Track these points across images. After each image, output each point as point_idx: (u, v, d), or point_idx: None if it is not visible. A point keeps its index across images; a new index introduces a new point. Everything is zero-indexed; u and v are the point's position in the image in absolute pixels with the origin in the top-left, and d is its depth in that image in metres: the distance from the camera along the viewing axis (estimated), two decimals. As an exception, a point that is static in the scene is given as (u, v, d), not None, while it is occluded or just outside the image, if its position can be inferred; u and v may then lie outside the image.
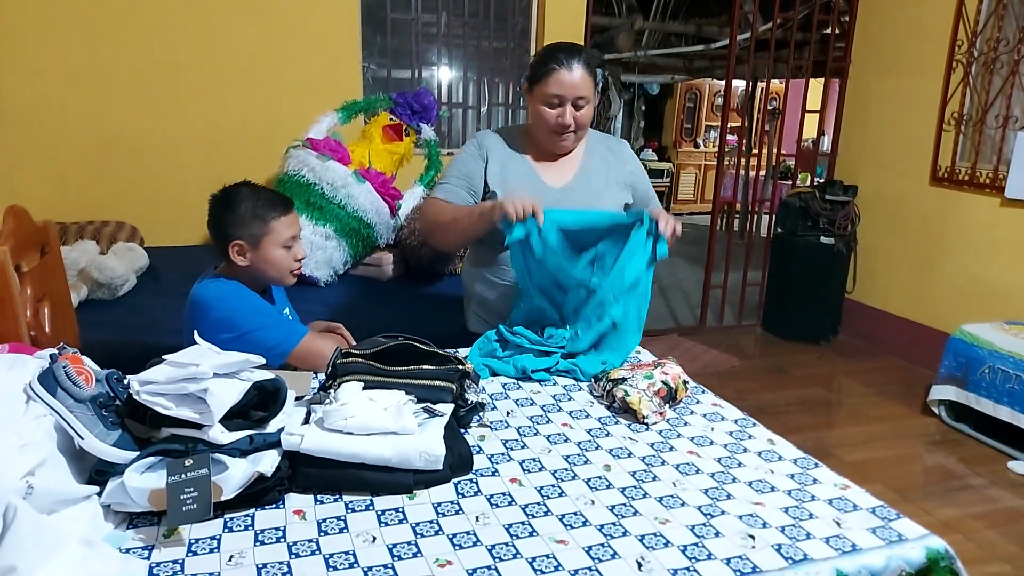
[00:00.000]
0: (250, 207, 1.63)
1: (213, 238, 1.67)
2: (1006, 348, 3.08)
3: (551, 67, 1.75)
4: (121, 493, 1.03)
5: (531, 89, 1.82)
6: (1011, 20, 3.61)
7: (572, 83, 1.75)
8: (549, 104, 1.78)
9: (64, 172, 3.32)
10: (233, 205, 1.63)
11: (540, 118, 1.80)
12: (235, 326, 1.59)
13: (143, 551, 0.98)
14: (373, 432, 1.16)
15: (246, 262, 1.65)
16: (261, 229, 1.63)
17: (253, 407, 1.16)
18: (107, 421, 1.08)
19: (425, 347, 1.39)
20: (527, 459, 1.27)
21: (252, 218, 1.63)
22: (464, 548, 1.01)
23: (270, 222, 1.64)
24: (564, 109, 1.77)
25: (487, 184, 1.86)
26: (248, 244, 1.63)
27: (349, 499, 1.12)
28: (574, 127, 1.80)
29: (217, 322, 1.57)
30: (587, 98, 1.79)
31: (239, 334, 1.58)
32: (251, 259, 1.64)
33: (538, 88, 1.78)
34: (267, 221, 1.64)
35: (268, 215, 1.64)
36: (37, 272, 1.68)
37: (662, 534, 1.04)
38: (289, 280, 1.72)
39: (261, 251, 1.64)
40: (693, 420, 1.45)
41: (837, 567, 0.97)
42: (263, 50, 3.49)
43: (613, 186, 1.92)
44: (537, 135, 1.86)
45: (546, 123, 1.80)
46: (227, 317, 1.60)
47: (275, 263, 1.66)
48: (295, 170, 2.79)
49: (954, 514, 2.65)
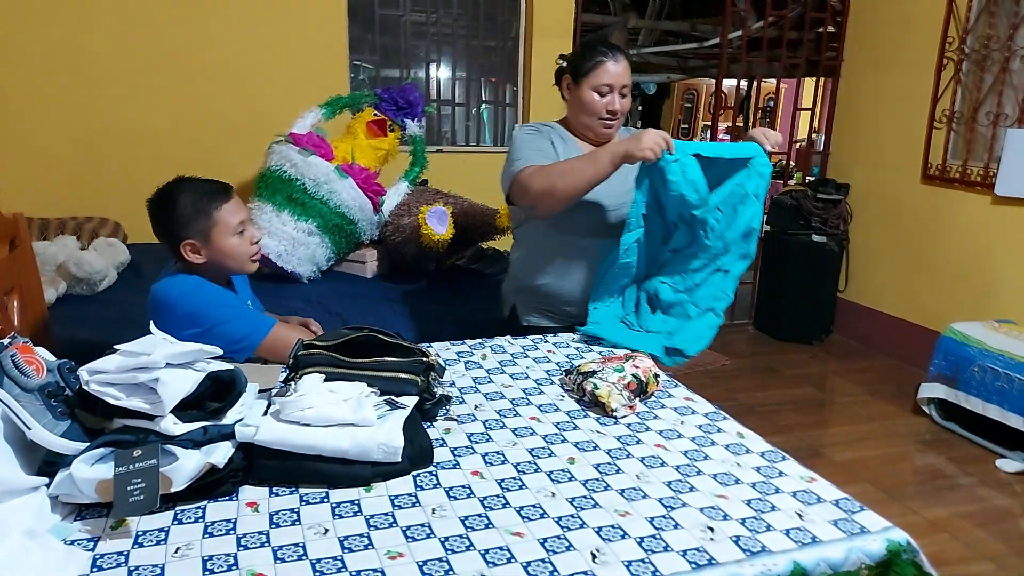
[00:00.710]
0: (190, 203, 1.59)
1: (163, 242, 1.63)
2: (996, 347, 3.06)
3: (599, 59, 1.91)
4: (69, 484, 1.01)
5: (577, 81, 1.94)
6: (1002, 17, 3.59)
7: (619, 72, 1.92)
8: (600, 92, 1.92)
9: (48, 167, 3.30)
10: (172, 205, 1.58)
11: (591, 106, 1.93)
12: (200, 321, 1.56)
13: (88, 543, 0.96)
14: (331, 424, 1.14)
15: (202, 259, 1.61)
16: (207, 223, 1.59)
17: (208, 398, 1.15)
18: (56, 411, 1.06)
19: (389, 339, 1.37)
20: (490, 452, 1.24)
21: (195, 214, 1.58)
22: (417, 540, 0.99)
23: (214, 214, 1.60)
24: (613, 96, 1.92)
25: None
26: (199, 241, 1.60)
27: (305, 492, 1.10)
28: (619, 113, 1.95)
29: (181, 318, 1.54)
30: (628, 87, 1.95)
31: (204, 329, 1.54)
32: (206, 255, 1.61)
33: (586, 80, 1.92)
34: (211, 213, 1.60)
35: (210, 207, 1.60)
36: (4, 265, 1.67)
37: (620, 526, 1.02)
38: (250, 267, 1.69)
39: (213, 244, 1.61)
40: (663, 414, 1.43)
41: (795, 559, 0.95)
42: (248, 46, 3.48)
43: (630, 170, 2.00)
44: (584, 123, 1.98)
45: (597, 110, 1.93)
46: (192, 312, 1.56)
47: (231, 253, 1.63)
48: (277, 165, 2.77)
49: (942, 513, 2.63)
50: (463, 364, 1.67)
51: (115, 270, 2.72)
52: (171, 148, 3.43)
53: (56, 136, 3.28)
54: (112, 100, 3.33)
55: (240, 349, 1.57)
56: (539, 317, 2.05)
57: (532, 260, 2.03)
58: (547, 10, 3.95)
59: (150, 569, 0.91)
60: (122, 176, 3.39)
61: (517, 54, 4.12)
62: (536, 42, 3.97)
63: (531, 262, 2.03)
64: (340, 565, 0.93)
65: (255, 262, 1.70)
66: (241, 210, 1.66)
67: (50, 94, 3.24)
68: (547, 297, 2.01)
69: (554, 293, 2.00)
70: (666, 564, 0.94)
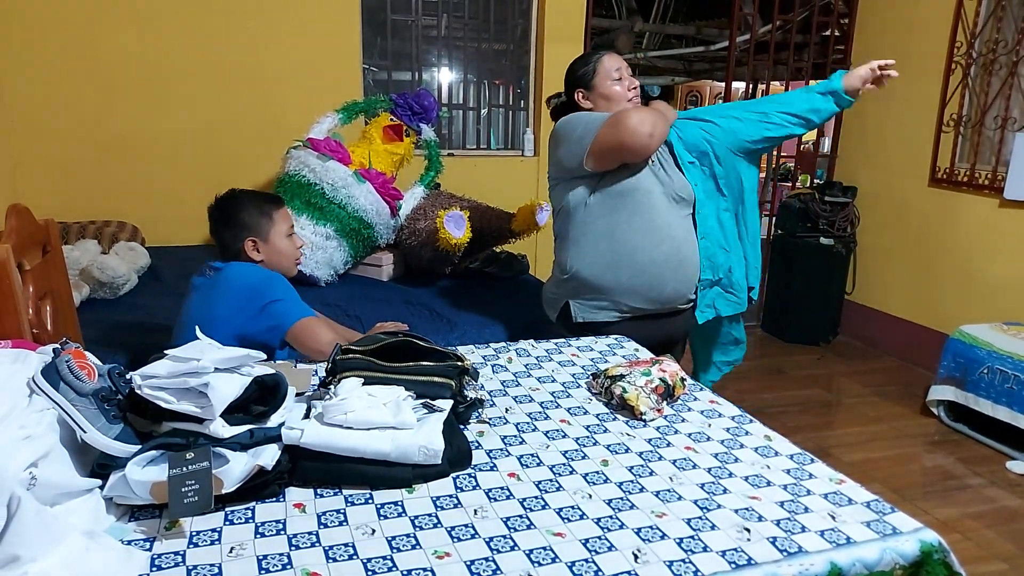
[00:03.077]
0: (253, 206, 1.82)
1: (224, 243, 1.83)
2: (1005, 348, 3.09)
3: (596, 56, 2.08)
4: (123, 486, 1.04)
5: (590, 86, 2.08)
6: (1010, 22, 3.62)
7: (617, 58, 2.09)
8: (615, 80, 2.06)
9: (67, 172, 3.33)
10: (238, 208, 1.81)
11: (616, 95, 2.06)
12: (265, 293, 1.72)
13: (145, 543, 0.99)
14: (372, 427, 1.17)
15: (260, 256, 1.82)
16: (268, 224, 1.82)
17: (253, 402, 1.18)
18: (109, 415, 1.09)
19: (424, 344, 1.40)
20: (525, 454, 1.28)
21: (259, 215, 1.81)
22: (462, 540, 1.02)
23: (273, 215, 1.83)
24: (625, 79, 2.07)
25: None
26: (260, 239, 1.81)
27: (348, 493, 1.13)
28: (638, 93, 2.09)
29: (251, 288, 1.73)
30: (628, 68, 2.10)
31: (266, 303, 1.71)
32: (264, 252, 1.82)
33: (597, 78, 2.07)
34: (271, 215, 1.83)
35: (271, 210, 1.83)
36: (39, 270, 1.69)
37: (658, 527, 1.05)
38: (294, 270, 1.90)
39: (271, 243, 1.83)
40: (690, 417, 1.46)
41: (832, 559, 0.98)
42: (264, 51, 3.51)
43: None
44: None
45: (622, 96, 2.06)
46: (261, 282, 1.74)
47: (284, 252, 1.85)
48: (296, 170, 2.80)
49: (952, 514, 2.65)
50: (490, 368, 1.70)
51: (136, 274, 2.75)
52: (189, 153, 3.46)
53: (75, 141, 3.31)
54: (130, 106, 3.36)
55: (275, 327, 1.71)
56: (595, 313, 2.08)
57: (578, 255, 2.07)
58: (557, 14, 3.97)
59: (207, 568, 0.94)
60: (140, 181, 3.42)
61: (527, 58, 4.15)
62: (547, 46, 4.00)
63: (578, 257, 2.07)
64: (391, 564, 0.96)
65: (297, 266, 1.94)
66: (289, 218, 1.89)
67: (69, 99, 3.27)
68: (604, 288, 2.05)
69: (608, 283, 2.05)
70: (706, 564, 0.97)
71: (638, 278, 2.02)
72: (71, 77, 3.26)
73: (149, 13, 3.31)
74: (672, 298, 2.08)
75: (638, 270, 2.01)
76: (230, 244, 1.82)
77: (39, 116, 3.25)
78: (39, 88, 3.23)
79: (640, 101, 2.10)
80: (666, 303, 2.08)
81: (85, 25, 3.23)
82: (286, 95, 3.55)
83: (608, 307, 2.07)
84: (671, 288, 2.05)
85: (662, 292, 2.05)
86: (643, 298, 2.04)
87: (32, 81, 3.21)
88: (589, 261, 2.05)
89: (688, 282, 2.09)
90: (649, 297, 2.04)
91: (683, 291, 2.10)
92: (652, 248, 2.00)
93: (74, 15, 3.21)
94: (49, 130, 3.28)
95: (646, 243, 2.00)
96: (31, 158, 3.27)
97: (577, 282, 2.08)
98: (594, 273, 2.04)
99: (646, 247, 2.00)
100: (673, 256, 2.03)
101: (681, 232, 2.06)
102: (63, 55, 3.23)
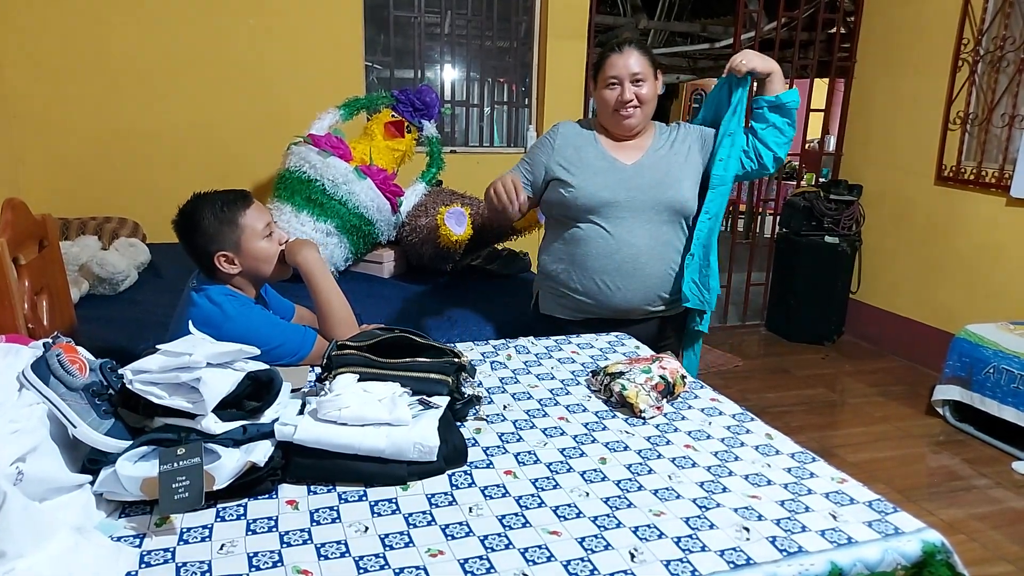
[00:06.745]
0: (214, 215, 1.57)
1: (195, 260, 1.62)
2: (1011, 348, 3.06)
3: (605, 55, 1.98)
4: (113, 482, 1.03)
5: (596, 83, 2.01)
6: (1017, 19, 3.59)
7: (625, 63, 1.94)
8: (609, 86, 1.96)
9: (68, 168, 3.33)
10: (199, 221, 1.57)
11: (603, 102, 1.99)
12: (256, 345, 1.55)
13: (134, 539, 0.98)
14: (367, 423, 1.16)
15: (237, 268, 1.60)
16: (235, 231, 1.58)
17: (247, 397, 1.16)
18: (100, 410, 1.08)
19: (420, 340, 1.39)
20: (522, 452, 1.26)
21: (221, 224, 1.57)
22: (456, 539, 1.00)
23: (239, 220, 1.59)
24: (622, 88, 1.94)
25: (552, 168, 2.02)
26: (231, 251, 1.58)
27: (342, 490, 1.12)
28: (636, 102, 1.96)
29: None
30: (643, 74, 1.95)
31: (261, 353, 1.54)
32: (240, 263, 1.60)
33: (599, 76, 1.99)
34: (236, 221, 1.58)
35: (235, 215, 1.59)
36: (35, 265, 1.69)
37: (656, 526, 1.04)
38: (286, 271, 1.68)
39: (245, 251, 1.59)
40: (690, 415, 1.44)
41: (832, 559, 0.96)
42: (266, 47, 3.50)
43: (683, 160, 2.03)
44: (603, 119, 2.04)
45: (608, 103, 1.97)
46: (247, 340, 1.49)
47: (263, 256, 1.61)
48: (296, 166, 2.79)
49: (958, 515, 2.63)
50: (488, 364, 1.68)
51: (136, 270, 2.74)
52: (190, 149, 3.46)
53: (76, 136, 3.31)
54: (131, 101, 3.35)
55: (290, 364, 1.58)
56: (555, 307, 2.09)
57: (548, 247, 2.10)
58: (561, 11, 3.95)
59: (197, 565, 0.93)
60: (141, 176, 3.41)
61: (531, 55, 4.13)
62: (550, 43, 3.98)
63: (547, 250, 2.10)
64: (383, 562, 0.94)
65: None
66: (264, 213, 1.65)
67: (70, 95, 3.27)
68: (561, 284, 2.05)
69: (564, 280, 2.03)
70: (704, 564, 0.95)
71: (587, 283, 1.99)
72: (73, 73, 3.26)
73: (151, 9, 3.31)
74: (622, 308, 2.00)
75: (587, 275, 1.98)
76: (203, 263, 1.61)
77: (40, 112, 3.25)
78: (41, 84, 3.23)
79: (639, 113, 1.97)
80: (617, 312, 2.01)
81: (87, 21, 3.23)
82: (288, 91, 3.54)
83: (567, 305, 2.06)
84: (620, 297, 1.98)
85: (610, 300, 1.99)
86: (594, 303, 2.00)
87: (34, 77, 3.21)
88: (551, 258, 2.07)
89: (643, 293, 1.99)
90: (599, 302, 1.99)
91: (635, 302, 2.00)
92: (604, 256, 1.95)
93: (76, 11, 3.21)
94: (50, 126, 3.27)
95: (598, 250, 1.95)
96: (32, 153, 3.27)
97: (543, 275, 2.11)
98: (555, 270, 2.05)
99: (597, 254, 1.95)
100: (627, 265, 1.95)
101: (646, 242, 1.95)
102: (65, 51, 3.23)
